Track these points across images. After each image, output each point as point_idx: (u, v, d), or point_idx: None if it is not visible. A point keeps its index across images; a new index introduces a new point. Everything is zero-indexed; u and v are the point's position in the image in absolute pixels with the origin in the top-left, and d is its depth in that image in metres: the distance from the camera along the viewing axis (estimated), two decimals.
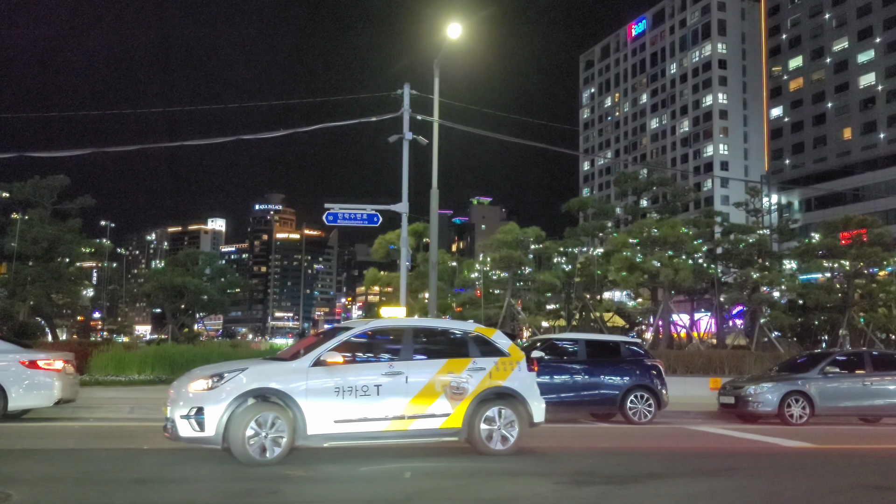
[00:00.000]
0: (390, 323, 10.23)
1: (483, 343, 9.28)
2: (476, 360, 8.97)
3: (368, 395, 8.26)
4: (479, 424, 8.75)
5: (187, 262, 41.52)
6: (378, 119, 17.60)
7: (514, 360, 9.29)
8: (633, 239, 33.88)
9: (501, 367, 9.09)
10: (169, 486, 6.84)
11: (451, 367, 8.80)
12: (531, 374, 9.45)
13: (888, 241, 33.56)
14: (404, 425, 8.40)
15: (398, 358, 8.74)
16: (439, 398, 8.59)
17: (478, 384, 8.83)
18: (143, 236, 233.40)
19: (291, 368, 8.30)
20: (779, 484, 7.83)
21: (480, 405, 8.80)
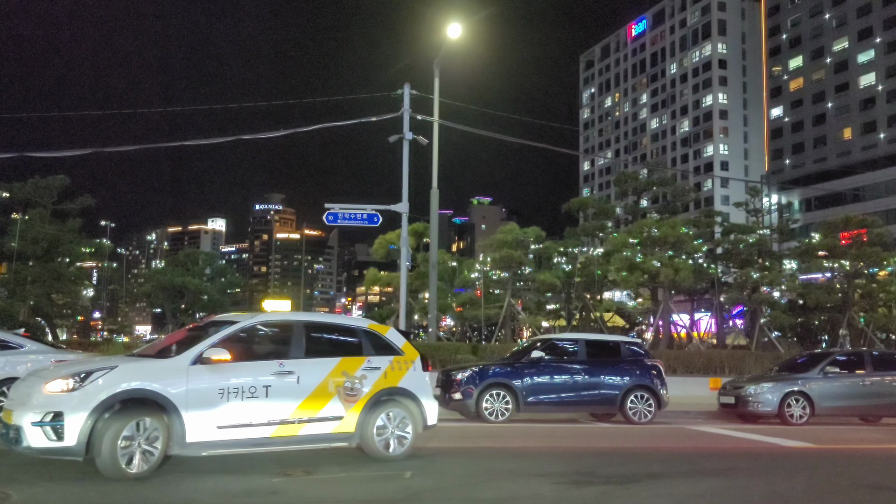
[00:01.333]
0: (280, 317, 9.33)
1: (377, 341, 8.68)
2: (371, 360, 8.37)
3: (256, 397, 7.46)
4: (373, 428, 8.16)
5: (187, 262, 41.55)
6: (378, 119, 17.61)
7: (409, 359, 8.73)
8: (633, 239, 33.88)
9: (396, 366, 8.53)
10: (168, 486, 6.84)
11: (346, 366, 8.17)
12: (426, 374, 8.86)
13: (888, 241, 33.57)
14: (294, 430, 7.68)
15: (289, 356, 7.91)
16: (332, 400, 7.93)
17: (373, 385, 8.23)
18: (143, 236, 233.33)
19: (169, 367, 7.33)
20: (779, 484, 7.83)
21: (375, 407, 8.21)
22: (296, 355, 7.94)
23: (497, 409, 13.40)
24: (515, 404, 13.48)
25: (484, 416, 13.33)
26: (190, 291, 38.33)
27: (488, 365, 14.20)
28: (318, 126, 18.23)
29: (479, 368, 13.89)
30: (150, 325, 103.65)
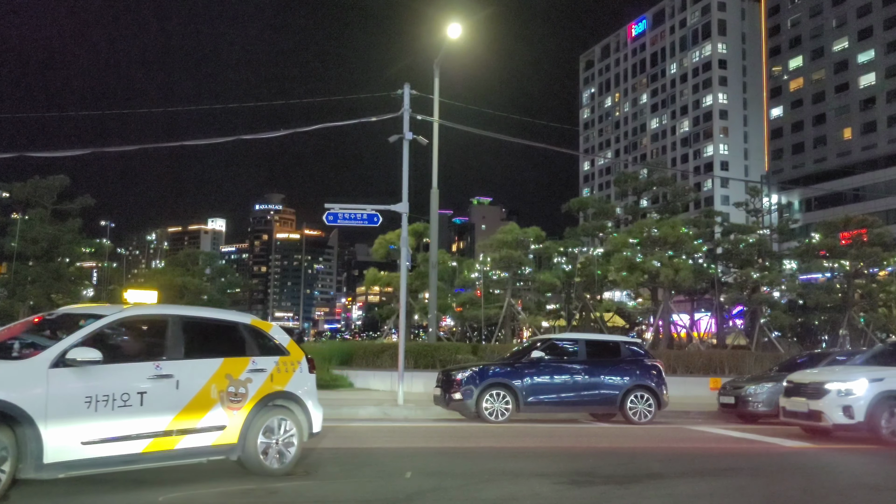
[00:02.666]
0: (154, 310, 7.88)
1: (262, 339, 7.79)
2: (256, 360, 7.48)
3: (129, 405, 6.38)
4: (257, 439, 7.27)
5: (187, 262, 41.52)
6: (378, 119, 17.59)
7: (295, 359, 7.91)
8: (633, 239, 33.87)
9: (283, 368, 7.70)
10: (167, 487, 6.83)
11: (229, 368, 7.22)
12: (312, 376, 8.12)
13: (888, 241, 33.54)
14: (170, 443, 6.67)
15: (166, 356, 6.86)
16: (215, 408, 6.96)
17: (258, 390, 7.33)
18: (143, 236, 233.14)
19: (22, 370, 6.06)
20: (779, 484, 7.83)
21: (259, 415, 7.32)
22: (174, 355, 6.90)
23: (497, 409, 13.40)
24: (515, 404, 13.49)
25: (484, 416, 13.34)
26: (190, 291, 38.27)
27: (488, 365, 14.20)
28: (318, 126, 18.23)
29: (479, 368, 13.89)
30: None
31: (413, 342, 23.77)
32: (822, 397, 11.49)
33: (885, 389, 11.26)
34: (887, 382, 11.34)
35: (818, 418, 11.54)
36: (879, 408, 11.13)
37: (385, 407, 14.80)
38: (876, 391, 11.22)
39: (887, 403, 11.21)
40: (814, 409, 11.59)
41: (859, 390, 11.27)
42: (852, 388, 11.32)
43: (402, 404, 15.08)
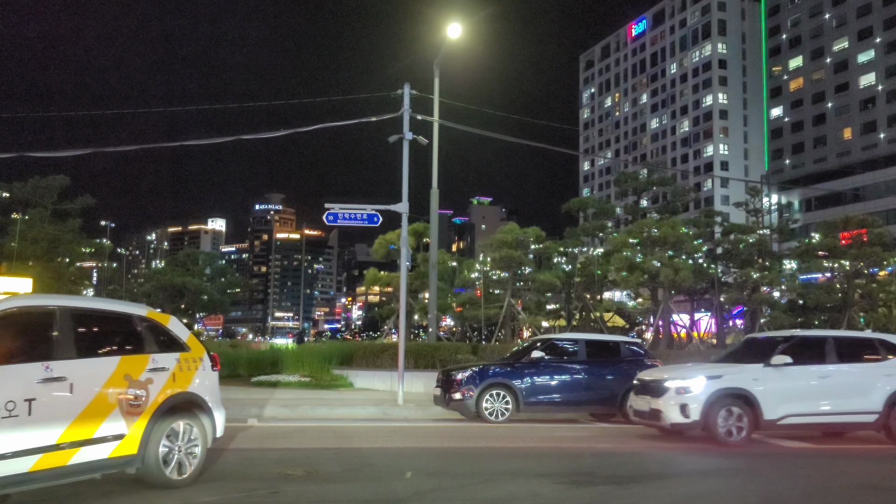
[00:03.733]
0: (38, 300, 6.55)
1: (160, 334, 6.94)
2: (156, 358, 6.66)
3: (15, 415, 5.44)
4: (159, 447, 6.46)
5: (187, 262, 41.60)
6: (378, 119, 17.61)
7: (197, 356, 7.15)
8: (633, 239, 33.90)
9: (185, 366, 6.92)
10: (168, 486, 6.84)
11: (128, 367, 6.37)
12: (215, 374, 7.36)
13: (888, 241, 33.57)
14: (63, 458, 5.76)
15: (55, 356, 5.91)
16: (113, 414, 6.10)
17: (159, 391, 6.53)
18: (143, 236, 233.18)
19: None
20: (778, 484, 7.83)
21: (161, 420, 6.51)
22: (65, 355, 5.96)
23: (497, 409, 13.41)
24: (515, 404, 13.49)
25: (484, 416, 13.34)
26: (190, 291, 38.35)
27: (488, 365, 14.20)
28: (318, 126, 18.25)
29: (479, 368, 13.90)
30: None
31: (413, 342, 23.79)
32: (661, 396, 11.00)
33: (723, 387, 10.77)
34: (725, 380, 10.90)
35: (657, 417, 11.06)
36: (715, 406, 10.63)
37: (385, 407, 14.81)
38: (713, 389, 10.71)
39: (724, 402, 10.70)
40: (654, 407, 11.09)
41: (696, 388, 10.75)
42: (689, 385, 10.82)
43: (402, 404, 15.09)
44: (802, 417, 11.03)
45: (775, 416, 10.79)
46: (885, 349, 11.81)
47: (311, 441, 10.18)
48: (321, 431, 11.33)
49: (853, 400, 11.24)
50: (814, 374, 11.25)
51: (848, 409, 11.21)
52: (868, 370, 11.57)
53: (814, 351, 11.62)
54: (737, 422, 10.69)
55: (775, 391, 10.86)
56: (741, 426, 10.68)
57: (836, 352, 11.53)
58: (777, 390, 10.88)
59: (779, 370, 10.97)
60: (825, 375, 11.26)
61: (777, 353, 11.09)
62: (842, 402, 11.20)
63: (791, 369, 11.05)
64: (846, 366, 11.55)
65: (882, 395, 11.24)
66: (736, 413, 10.69)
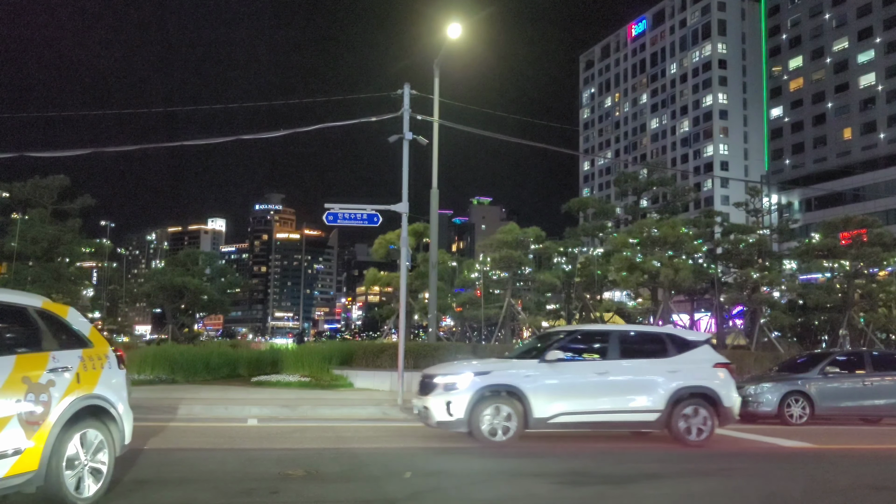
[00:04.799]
0: None
1: (60, 327, 6.00)
2: (56, 356, 5.69)
3: None
4: (63, 461, 5.54)
5: (187, 262, 41.53)
6: (378, 119, 17.60)
7: (101, 352, 6.25)
8: (633, 239, 33.89)
9: (89, 364, 6.00)
10: (168, 486, 6.84)
11: (25, 367, 5.37)
12: (122, 372, 6.50)
13: (888, 241, 33.54)
14: None
15: None
16: (9, 425, 5.10)
17: (62, 395, 5.55)
18: (143, 236, 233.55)
19: None
20: (778, 484, 7.83)
21: (66, 429, 5.55)
22: None
23: None
24: None
25: None
26: (190, 291, 38.31)
27: None
28: (318, 126, 18.25)
29: None
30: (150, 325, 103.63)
31: (413, 342, 23.77)
32: (430, 392, 10.36)
33: (491, 384, 10.10)
34: (494, 376, 10.20)
35: (427, 416, 10.37)
36: (482, 404, 9.97)
37: (385, 407, 14.80)
38: (480, 385, 10.04)
39: (492, 399, 10.03)
40: (424, 405, 10.40)
41: (463, 385, 10.08)
42: (456, 382, 10.15)
43: (402, 404, 15.08)
44: (577, 416, 10.36)
45: (546, 415, 10.13)
46: (674, 344, 11.20)
47: (311, 441, 10.17)
48: (321, 431, 11.32)
49: (634, 398, 10.65)
50: (592, 370, 10.66)
51: (628, 407, 10.60)
52: (652, 367, 10.88)
53: (594, 346, 11.17)
54: (505, 420, 10.03)
55: (548, 388, 10.22)
56: (508, 426, 10.03)
57: (618, 347, 10.96)
58: (550, 387, 10.25)
59: (553, 366, 10.38)
60: (604, 372, 10.61)
61: (552, 349, 10.55)
62: (621, 401, 10.58)
63: (566, 365, 10.53)
64: (627, 362, 10.88)
65: (665, 393, 10.64)
66: (505, 411, 10.03)
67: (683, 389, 10.72)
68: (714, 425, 10.82)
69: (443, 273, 35.87)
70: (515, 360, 10.90)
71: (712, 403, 10.84)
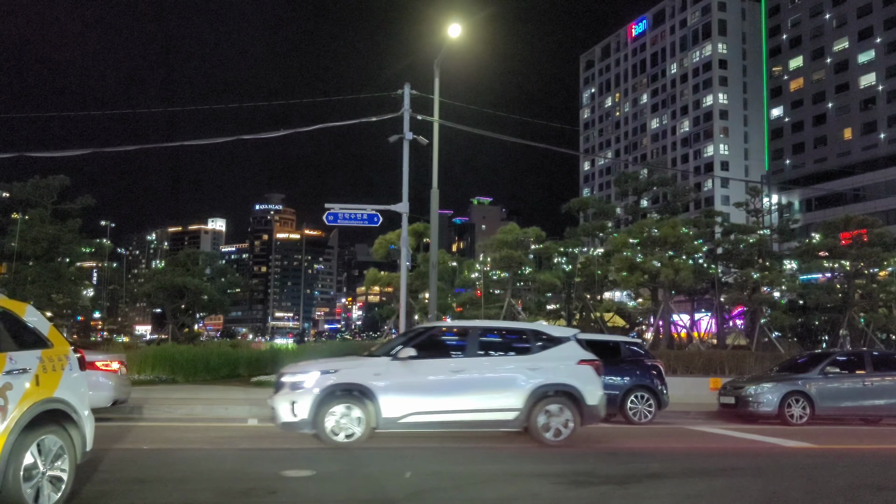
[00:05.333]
0: None
1: (16, 326, 5.64)
2: (13, 357, 5.31)
3: None
4: (20, 473, 5.10)
5: (187, 262, 41.55)
6: (378, 119, 17.61)
7: (61, 353, 5.86)
8: (634, 239, 33.88)
9: (49, 366, 5.60)
10: (168, 486, 6.83)
11: None
12: (83, 375, 6.14)
13: (888, 241, 33.56)
14: None
15: None
16: None
17: (20, 399, 5.17)
18: (143, 236, 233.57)
19: None
20: (779, 484, 7.82)
21: (25, 436, 5.17)
22: None
23: None
24: None
25: None
26: (190, 291, 38.33)
27: None
28: (318, 126, 18.25)
29: None
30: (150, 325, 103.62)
31: None
32: (278, 392, 9.93)
33: (337, 382, 9.62)
34: (342, 375, 9.74)
35: (274, 417, 9.88)
36: (327, 403, 9.54)
37: None
38: (325, 384, 9.57)
39: (338, 399, 9.60)
40: (272, 405, 9.91)
41: (309, 383, 9.62)
42: (303, 380, 9.70)
43: None
44: (429, 416, 9.87)
45: (396, 415, 9.69)
46: (538, 341, 10.71)
47: (311, 441, 10.16)
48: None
49: (491, 396, 10.10)
50: (447, 368, 10.09)
51: (484, 406, 10.04)
52: (512, 364, 10.40)
53: (454, 343, 10.71)
54: (352, 421, 9.59)
55: (398, 387, 9.77)
56: (355, 426, 9.60)
57: (478, 344, 10.52)
58: (400, 386, 9.79)
59: (406, 364, 9.91)
60: (460, 369, 10.08)
61: (405, 346, 10.12)
62: (477, 399, 10.03)
63: (420, 363, 9.99)
64: (486, 359, 10.40)
65: (524, 391, 10.15)
66: (353, 411, 9.61)
67: (544, 387, 10.21)
68: (576, 425, 10.33)
69: (443, 273, 35.88)
70: (368, 359, 10.53)
71: (575, 402, 10.32)
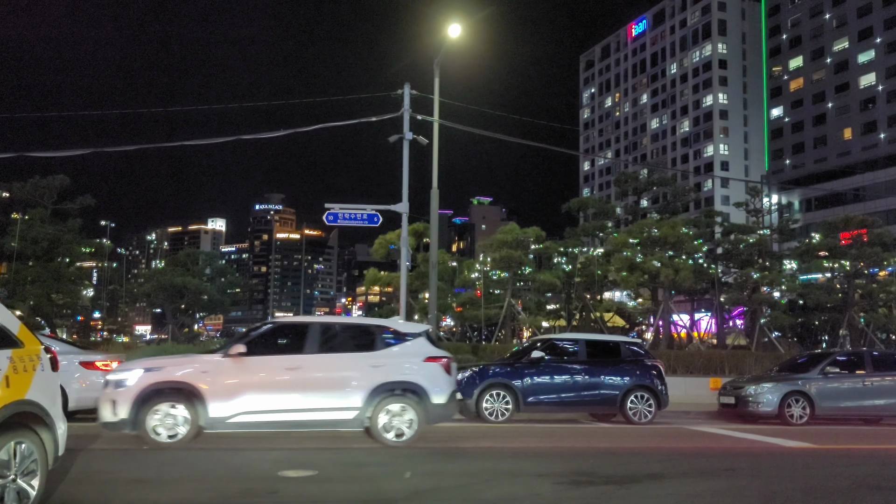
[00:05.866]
0: None
1: None
2: None
3: None
4: None
5: (187, 261, 41.58)
6: (378, 119, 17.61)
7: (33, 353, 5.51)
8: (634, 239, 33.89)
9: (20, 366, 5.23)
10: (168, 486, 6.83)
11: None
12: (56, 375, 5.81)
13: (888, 241, 33.58)
14: None
15: None
16: None
17: None
18: (143, 236, 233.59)
19: None
20: (779, 484, 7.82)
21: None
22: None
23: (497, 409, 13.40)
24: (515, 404, 13.49)
25: (484, 416, 13.34)
26: (190, 291, 38.36)
27: (488, 365, 14.20)
28: (318, 126, 18.25)
29: (479, 368, 13.89)
30: (150, 325, 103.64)
31: None
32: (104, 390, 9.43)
33: (160, 381, 9.22)
34: (166, 372, 9.36)
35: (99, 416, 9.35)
36: (150, 402, 9.08)
37: None
38: (147, 383, 9.16)
39: (162, 397, 9.17)
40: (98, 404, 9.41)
41: (131, 381, 9.20)
42: (125, 378, 9.27)
43: None
44: (261, 415, 9.46)
45: (224, 414, 9.26)
46: (384, 337, 10.26)
47: (311, 441, 10.16)
48: (320, 431, 11.30)
49: (328, 395, 9.64)
50: (281, 365, 9.69)
51: (321, 405, 9.58)
52: (352, 361, 9.96)
53: (292, 339, 10.20)
54: (177, 419, 9.22)
55: (227, 385, 9.35)
56: (179, 425, 9.21)
57: (318, 341, 10.00)
58: (230, 384, 9.37)
59: (237, 361, 9.51)
60: (295, 367, 9.64)
61: (237, 342, 9.81)
62: (314, 398, 9.58)
63: (252, 360, 9.59)
64: (325, 356, 9.93)
65: (364, 390, 9.70)
66: (178, 410, 9.20)
67: (385, 385, 9.77)
68: (421, 425, 9.86)
69: (443, 273, 35.87)
70: (200, 356, 10.22)
71: (420, 401, 9.86)
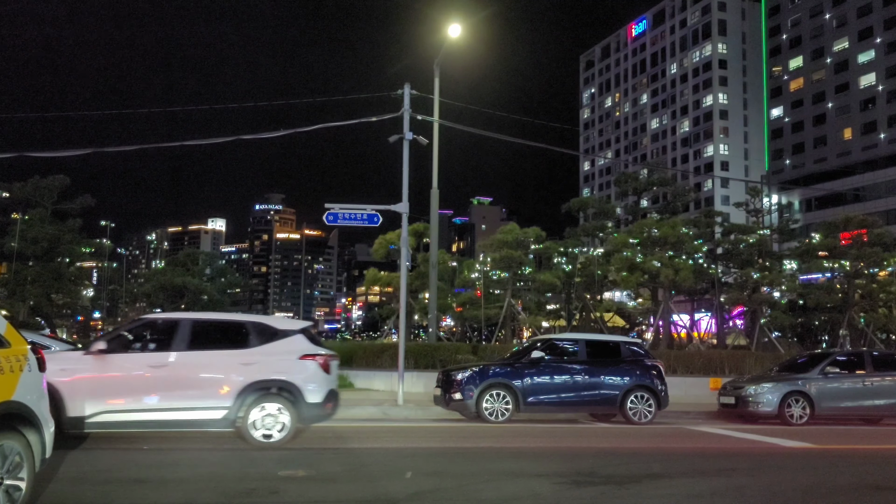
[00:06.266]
0: None
1: None
2: None
3: None
4: None
5: (187, 262, 41.55)
6: (378, 119, 17.60)
7: (19, 353, 5.40)
8: (634, 239, 33.86)
9: (7, 366, 5.15)
10: (168, 487, 6.83)
11: None
12: (43, 376, 5.73)
13: (888, 241, 33.54)
14: None
15: None
16: None
17: None
18: (143, 236, 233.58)
19: None
20: (779, 484, 7.82)
21: None
22: None
23: (497, 409, 13.40)
24: (515, 404, 13.48)
25: (484, 416, 13.33)
26: (190, 291, 38.32)
27: (488, 365, 14.20)
28: (318, 126, 18.24)
29: (479, 368, 13.89)
30: None
31: (413, 342, 23.78)
32: None
33: None
34: None
35: None
36: None
37: (385, 407, 14.80)
38: None
39: None
40: None
41: None
42: None
43: (402, 404, 15.08)
44: (123, 415, 9.08)
45: (83, 414, 8.92)
46: (258, 334, 9.86)
47: (311, 441, 10.16)
48: (321, 431, 11.30)
49: (195, 393, 9.31)
50: (145, 362, 9.39)
51: (187, 404, 9.23)
52: (223, 358, 9.62)
53: (160, 337, 9.92)
54: None
55: (86, 383, 9.01)
56: None
57: (188, 337, 9.61)
58: (89, 382, 9.04)
59: (98, 358, 9.24)
60: (160, 364, 9.33)
61: (101, 339, 9.51)
62: (179, 397, 9.24)
63: (114, 357, 9.31)
64: (193, 353, 9.53)
65: (234, 388, 9.34)
66: None
67: (256, 384, 9.44)
68: (294, 425, 9.55)
69: (443, 273, 35.85)
70: (62, 353, 9.94)
71: (293, 400, 9.53)
